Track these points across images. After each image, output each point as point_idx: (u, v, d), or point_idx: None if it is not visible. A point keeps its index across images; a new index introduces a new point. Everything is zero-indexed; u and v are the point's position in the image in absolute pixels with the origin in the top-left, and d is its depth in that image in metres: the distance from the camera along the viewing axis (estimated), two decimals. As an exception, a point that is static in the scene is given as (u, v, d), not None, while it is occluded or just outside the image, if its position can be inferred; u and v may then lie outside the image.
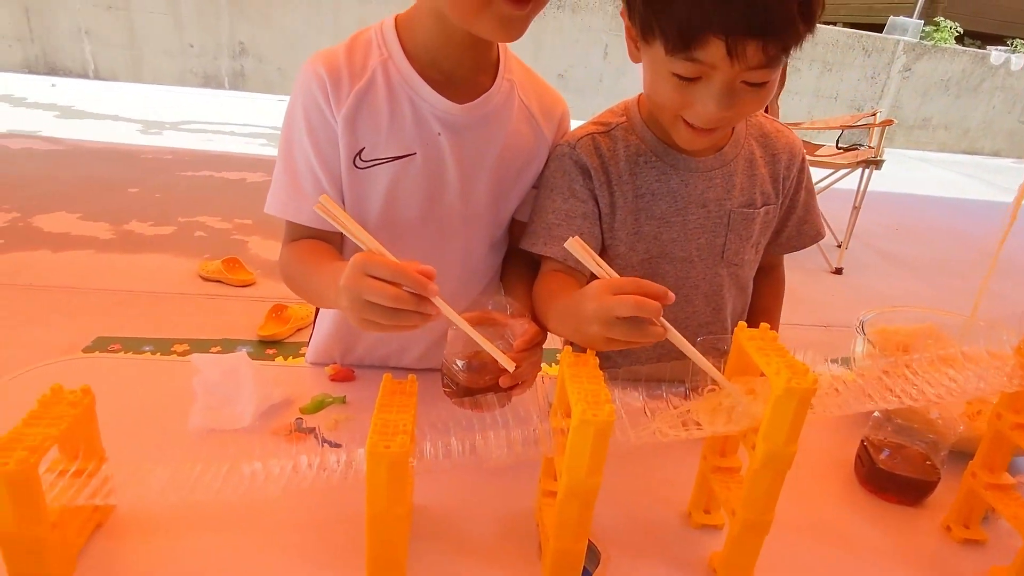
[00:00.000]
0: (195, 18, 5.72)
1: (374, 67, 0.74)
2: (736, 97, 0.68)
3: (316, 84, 0.73)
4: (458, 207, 0.81)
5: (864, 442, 0.73)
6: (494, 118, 0.79)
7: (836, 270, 3.19)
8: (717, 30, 0.62)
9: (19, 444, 0.48)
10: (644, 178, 0.82)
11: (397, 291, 0.54)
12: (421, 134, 0.76)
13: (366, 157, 0.75)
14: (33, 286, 2.16)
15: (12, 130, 3.94)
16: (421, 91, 0.74)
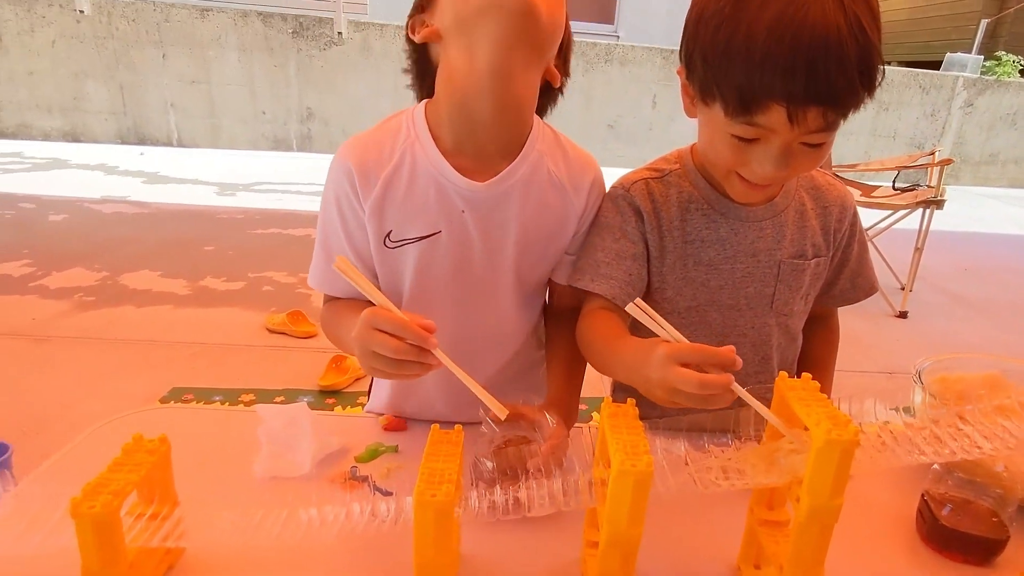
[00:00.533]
0: (267, 88, 6.18)
1: (402, 150, 0.78)
2: (793, 158, 0.69)
3: (346, 177, 0.78)
4: (485, 277, 0.83)
5: (925, 496, 0.70)
6: (516, 192, 0.80)
7: (900, 314, 3.05)
8: (779, 97, 0.63)
9: (104, 488, 0.53)
10: (694, 224, 0.83)
11: (399, 344, 0.59)
12: (445, 212, 0.79)
13: (394, 238, 0.80)
14: (119, 339, 2.33)
15: (105, 196, 4.31)
16: (445, 172, 0.77)
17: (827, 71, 0.62)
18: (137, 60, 5.92)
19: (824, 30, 0.61)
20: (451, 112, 0.76)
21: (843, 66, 0.62)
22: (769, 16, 0.62)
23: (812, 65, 0.61)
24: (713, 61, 0.67)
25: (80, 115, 6.05)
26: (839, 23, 0.61)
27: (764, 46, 0.62)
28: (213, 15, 5.90)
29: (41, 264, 2.98)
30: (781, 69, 0.62)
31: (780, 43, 0.62)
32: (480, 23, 0.70)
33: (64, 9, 5.69)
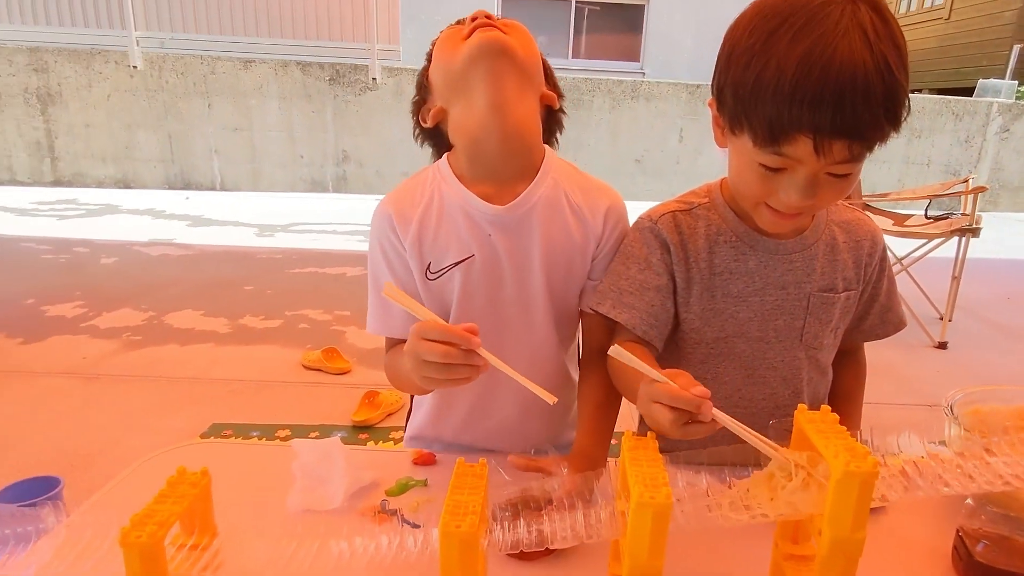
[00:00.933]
0: (305, 133, 6.44)
1: (431, 191, 0.87)
2: (819, 187, 0.70)
3: (386, 223, 0.87)
4: (515, 296, 0.89)
5: (960, 532, 0.68)
6: (537, 214, 0.87)
7: (940, 345, 2.95)
8: (806, 129, 0.65)
9: (150, 519, 0.56)
10: (722, 256, 0.84)
11: (447, 348, 0.64)
12: (475, 237, 0.86)
13: (434, 269, 0.87)
14: (163, 377, 2.42)
15: (152, 239, 4.52)
16: (470, 200, 0.86)
17: (853, 105, 0.63)
18: (184, 110, 6.26)
19: (852, 67, 0.63)
20: (467, 152, 0.86)
21: (869, 101, 0.64)
22: (798, 52, 0.64)
23: (839, 99, 0.63)
24: (743, 94, 0.69)
25: (131, 163, 6.39)
26: (866, 60, 0.63)
27: (793, 80, 0.64)
28: (255, 66, 6.22)
29: (92, 305, 3.13)
30: (809, 102, 0.64)
31: (809, 78, 0.63)
32: (468, 75, 0.81)
33: (119, 65, 6.08)
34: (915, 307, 3.06)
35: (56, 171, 6.33)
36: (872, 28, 0.64)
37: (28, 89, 6.05)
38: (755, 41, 0.67)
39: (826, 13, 0.64)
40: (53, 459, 1.85)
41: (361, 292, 0.93)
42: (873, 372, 0.99)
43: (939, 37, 8.84)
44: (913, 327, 3.00)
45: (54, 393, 2.27)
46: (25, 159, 6.26)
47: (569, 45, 8.59)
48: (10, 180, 6.28)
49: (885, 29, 0.65)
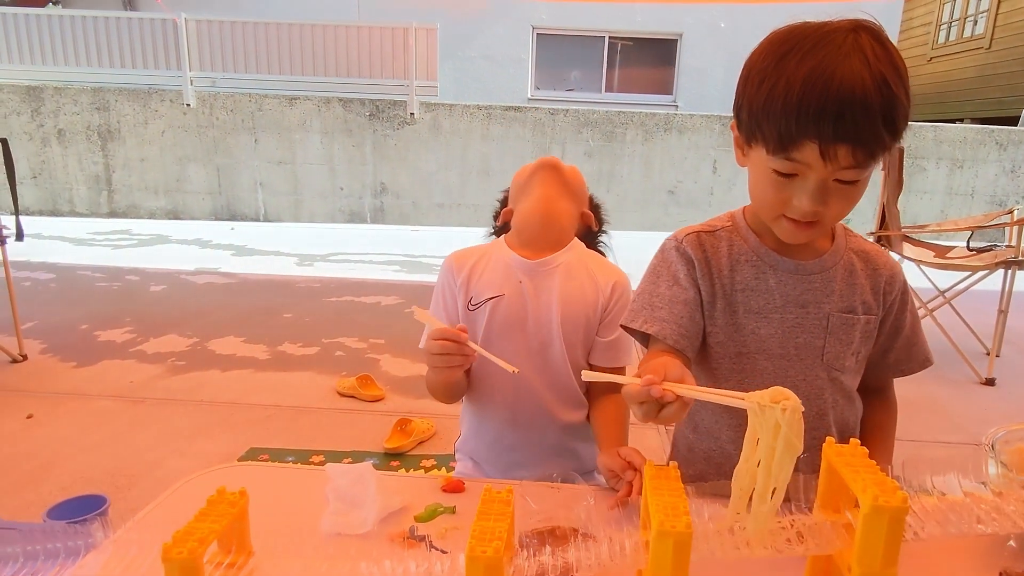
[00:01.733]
0: (345, 166, 6.65)
1: (487, 251, 1.15)
2: (829, 194, 0.76)
3: (447, 267, 1.15)
4: (535, 332, 1.09)
5: (1002, 575, 0.66)
6: (559, 272, 1.10)
7: (987, 381, 2.82)
8: (812, 136, 0.73)
9: (190, 536, 0.59)
10: (743, 274, 0.89)
11: (444, 342, 0.94)
12: (508, 281, 1.10)
13: (474, 302, 1.10)
14: (205, 402, 2.50)
15: (199, 268, 4.69)
16: (510, 255, 1.12)
17: (853, 115, 0.71)
18: (232, 145, 6.55)
19: (851, 82, 0.71)
20: (517, 228, 1.14)
21: (867, 112, 0.71)
22: (805, 70, 0.73)
23: (840, 110, 0.71)
24: (756, 108, 0.77)
25: (181, 195, 6.69)
26: (864, 77, 0.71)
27: (800, 94, 0.72)
28: (300, 103, 6.49)
29: (141, 331, 3.26)
30: (814, 113, 0.72)
31: (813, 91, 0.72)
32: (531, 179, 1.13)
33: (174, 104, 6.42)
34: (959, 342, 2.95)
35: (112, 203, 6.66)
36: (871, 51, 0.72)
37: (90, 126, 6.43)
38: (768, 64, 0.76)
39: (831, 39, 0.73)
40: (100, 478, 1.92)
41: (394, 321, 1.03)
42: (917, 408, 0.98)
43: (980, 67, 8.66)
44: (958, 362, 2.89)
45: (103, 415, 2.36)
46: (85, 192, 6.62)
47: (602, 79, 8.71)
48: (70, 211, 6.64)
49: (884, 52, 0.73)
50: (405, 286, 4.23)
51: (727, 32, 8.10)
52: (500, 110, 6.46)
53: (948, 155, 6.54)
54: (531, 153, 6.16)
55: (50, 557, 0.63)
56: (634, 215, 6.44)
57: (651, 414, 0.66)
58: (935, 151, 6.52)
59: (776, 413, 0.56)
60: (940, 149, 6.53)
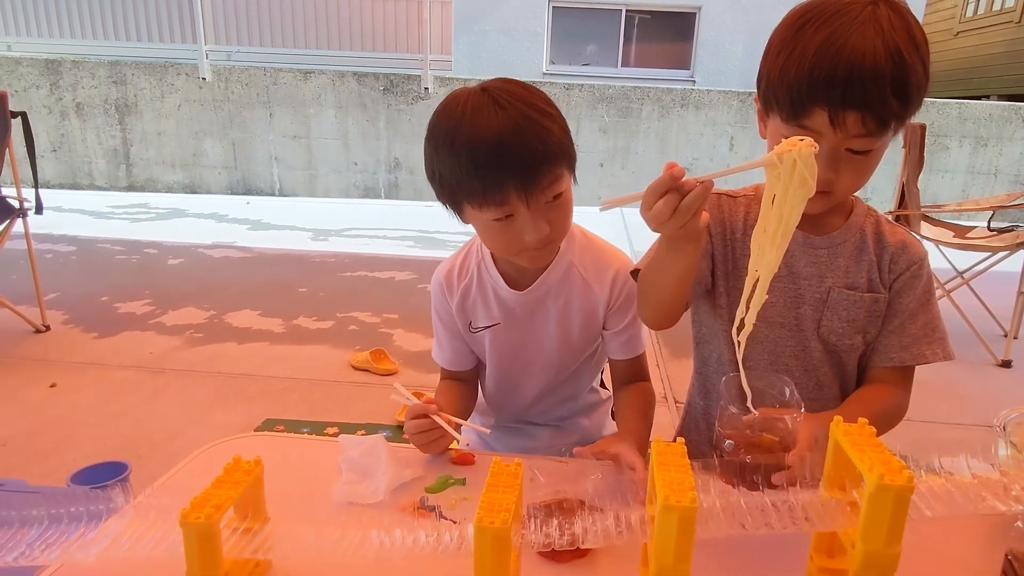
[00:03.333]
0: (360, 141, 6.63)
1: (472, 270, 1.07)
2: (840, 163, 0.78)
3: (438, 290, 1.10)
4: (534, 357, 1.09)
5: (1009, 556, 0.66)
6: (550, 294, 1.04)
7: (1003, 363, 2.79)
8: (821, 103, 0.75)
9: (208, 503, 0.61)
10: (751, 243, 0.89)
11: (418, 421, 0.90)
12: (502, 310, 1.06)
13: (474, 327, 1.09)
14: (221, 373, 2.54)
15: (216, 242, 4.74)
16: (498, 284, 1.05)
17: (862, 82, 0.73)
18: (248, 119, 6.55)
19: (862, 50, 0.73)
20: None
21: (876, 79, 0.73)
22: (818, 39, 0.75)
23: (849, 77, 0.73)
24: (773, 77, 0.80)
25: (198, 170, 6.72)
26: (876, 44, 0.73)
27: (812, 61, 0.75)
28: (314, 77, 6.45)
29: (160, 303, 3.31)
30: (824, 80, 0.74)
31: (824, 59, 0.74)
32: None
33: (190, 77, 6.41)
34: (977, 323, 2.91)
35: (130, 177, 6.72)
36: (888, 22, 0.74)
37: (108, 100, 6.46)
38: (787, 35, 0.79)
39: (848, 10, 0.75)
40: (122, 445, 1.98)
41: (408, 296, 1.03)
42: (932, 390, 0.97)
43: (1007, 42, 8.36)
44: (975, 344, 2.85)
45: (123, 385, 2.41)
46: (104, 165, 6.67)
47: (619, 54, 8.54)
48: (90, 185, 6.71)
49: (901, 23, 0.75)
50: (419, 261, 4.24)
51: (747, 6, 7.87)
52: (515, 85, 6.39)
53: (972, 133, 6.36)
54: (546, 129, 6.06)
55: (73, 520, 0.65)
56: (650, 192, 6.34)
57: (672, 203, 0.67)
58: (959, 129, 6.34)
59: (794, 153, 0.62)
60: (964, 127, 6.35)
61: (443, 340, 1.12)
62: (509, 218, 0.88)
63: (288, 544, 0.63)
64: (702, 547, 0.53)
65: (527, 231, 0.88)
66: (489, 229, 0.91)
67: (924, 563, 0.70)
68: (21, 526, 0.64)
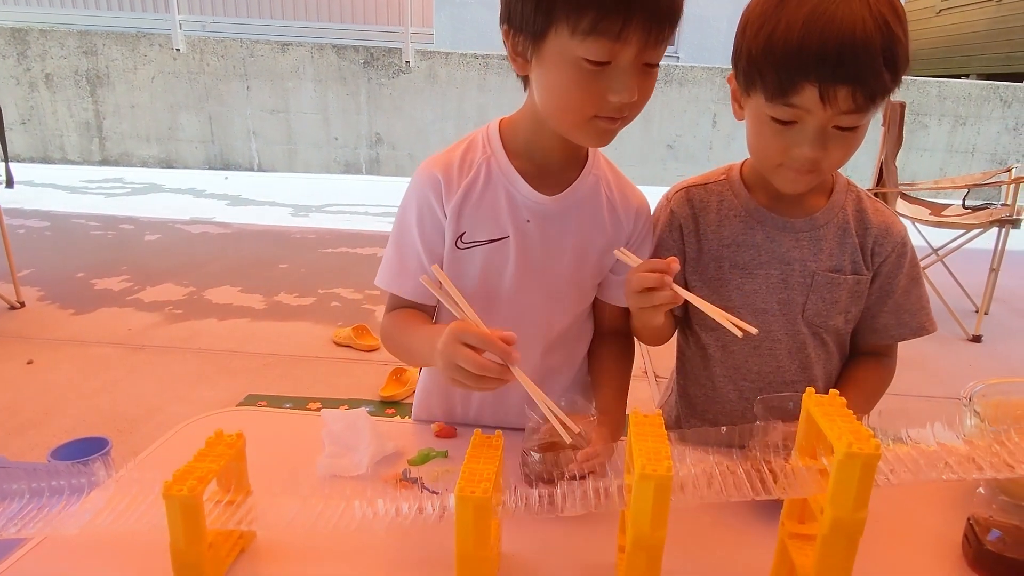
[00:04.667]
0: (339, 115, 6.52)
1: (479, 163, 0.86)
2: (828, 140, 0.76)
3: (430, 184, 0.86)
4: (542, 285, 0.90)
5: (970, 520, 0.69)
6: (578, 208, 0.88)
7: (974, 338, 2.88)
8: (812, 78, 0.72)
9: (190, 475, 0.61)
10: (731, 229, 0.89)
11: (483, 360, 0.65)
12: (513, 220, 0.86)
13: (466, 240, 0.87)
14: (202, 349, 2.53)
15: (194, 217, 4.66)
16: (516, 183, 0.85)
17: (854, 55, 0.70)
18: (224, 92, 6.39)
19: (851, 22, 0.70)
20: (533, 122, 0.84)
21: (868, 51, 0.71)
22: (804, 12, 0.72)
23: (840, 50, 0.70)
24: (756, 53, 0.76)
25: (174, 144, 6.57)
26: (864, 18, 0.71)
27: (800, 35, 0.72)
28: (292, 49, 6.31)
29: (137, 279, 3.27)
30: (814, 54, 0.71)
31: (813, 32, 0.71)
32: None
33: (163, 48, 6.23)
34: (950, 299, 2.99)
35: (104, 150, 6.55)
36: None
37: (79, 71, 6.26)
38: (767, 9, 0.76)
39: None
40: (101, 422, 1.96)
41: None
42: (904, 363, 0.98)
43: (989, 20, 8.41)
44: (947, 320, 2.92)
45: (102, 361, 2.39)
46: (75, 139, 6.49)
47: (605, 27, 8.44)
48: (62, 159, 6.53)
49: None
50: (401, 238, 4.21)
51: (734, -20, 7.84)
52: (497, 59, 6.29)
53: (951, 111, 6.44)
54: (530, 104, 6.01)
55: (55, 494, 0.65)
56: (632, 169, 6.20)
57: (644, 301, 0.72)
58: (938, 107, 6.41)
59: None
60: (943, 105, 6.42)
61: (409, 260, 0.87)
62: (602, 66, 0.72)
63: (272, 515, 0.63)
64: (677, 515, 0.55)
65: (617, 87, 0.73)
66: (570, 72, 0.73)
67: (890, 528, 0.73)
68: (2, 500, 0.63)
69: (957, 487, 0.79)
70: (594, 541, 0.70)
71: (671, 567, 0.58)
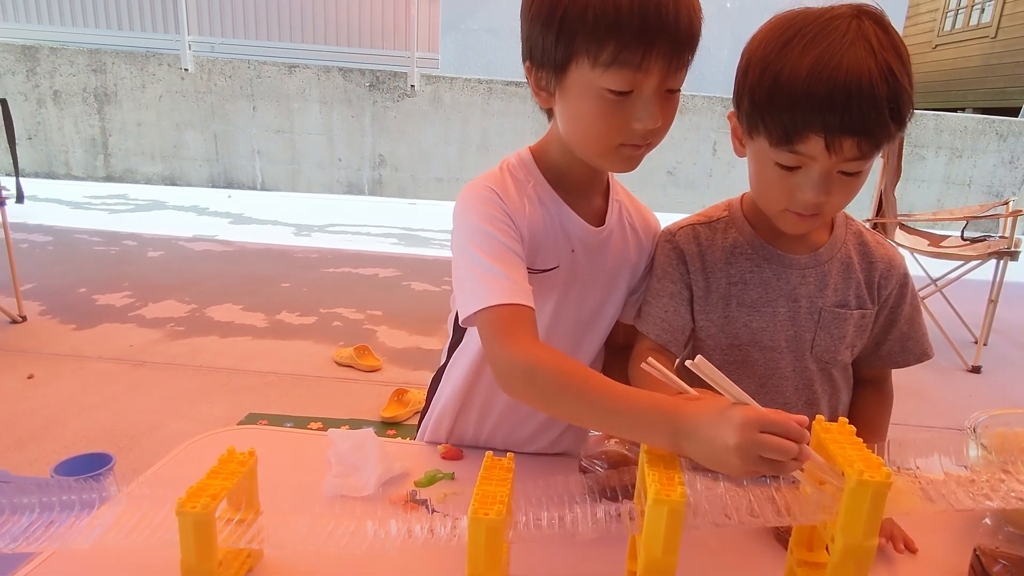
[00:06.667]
0: (344, 136, 6.59)
1: (528, 192, 0.85)
2: (832, 185, 0.76)
3: (494, 197, 0.82)
4: (575, 313, 0.91)
5: (977, 551, 0.69)
6: (611, 238, 0.90)
7: (973, 368, 2.89)
8: (818, 129, 0.71)
9: (204, 492, 0.61)
10: (738, 267, 0.89)
11: (792, 445, 0.57)
12: (563, 250, 0.86)
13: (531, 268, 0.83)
14: (204, 367, 2.52)
15: (196, 235, 4.68)
16: (567, 214, 0.86)
17: (860, 106, 0.70)
18: (230, 112, 6.47)
19: (858, 72, 0.69)
20: (566, 154, 0.84)
21: (875, 103, 0.70)
22: (809, 60, 0.71)
23: (847, 102, 0.69)
24: (759, 98, 0.75)
25: (178, 162, 6.63)
26: (871, 67, 0.70)
27: (805, 85, 0.71)
28: (299, 71, 6.40)
29: (139, 296, 3.27)
30: (820, 105, 0.70)
31: (819, 83, 0.70)
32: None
33: (171, 68, 6.32)
34: (949, 330, 3.00)
35: (109, 167, 6.60)
36: (876, 38, 0.71)
37: (87, 89, 6.34)
38: (770, 51, 0.74)
39: (834, 26, 0.72)
40: (103, 437, 1.95)
41: (392, 293, 0.97)
42: (903, 393, 0.99)
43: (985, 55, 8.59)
44: (947, 350, 2.94)
45: (104, 376, 2.38)
46: (81, 155, 6.55)
47: (607, 56, 8.59)
48: (66, 174, 6.57)
49: (888, 40, 0.72)
50: (403, 259, 4.23)
51: (733, 12, 7.98)
52: (501, 85, 6.39)
53: (948, 144, 6.54)
54: (531, 129, 6.10)
55: (65, 508, 0.65)
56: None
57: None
58: (935, 140, 6.51)
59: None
60: (940, 138, 6.52)
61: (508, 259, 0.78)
62: (625, 95, 0.72)
63: (283, 534, 0.63)
64: (686, 541, 0.55)
65: (640, 115, 0.73)
66: (593, 103, 0.74)
67: (897, 558, 0.73)
68: (12, 513, 0.64)
69: (963, 518, 0.79)
70: (603, 566, 0.70)
71: (681, 592, 0.58)
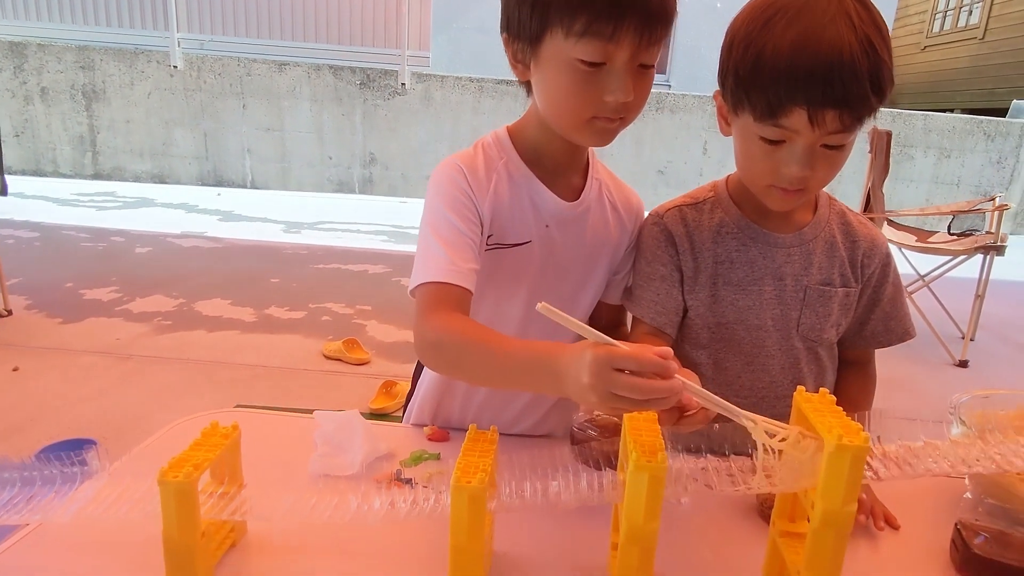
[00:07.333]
0: (334, 135, 6.57)
1: (499, 168, 0.86)
2: (816, 159, 0.77)
3: (460, 176, 0.84)
4: (555, 292, 0.91)
5: (958, 525, 0.70)
6: (589, 213, 0.91)
7: (960, 363, 2.92)
8: (801, 102, 0.73)
9: (186, 463, 0.61)
10: (725, 247, 0.90)
11: (647, 384, 0.56)
12: (536, 225, 0.88)
13: (491, 243, 0.87)
14: (191, 360, 2.50)
15: (185, 231, 4.65)
16: (538, 189, 0.87)
17: (842, 80, 0.72)
18: (220, 110, 6.43)
19: (839, 46, 0.72)
20: (543, 131, 0.85)
21: (856, 75, 0.72)
22: (792, 36, 0.73)
23: (829, 75, 0.72)
24: (743, 74, 0.77)
25: (167, 159, 6.58)
26: (851, 42, 0.72)
27: (788, 60, 0.73)
28: (289, 69, 6.37)
29: (127, 291, 3.24)
30: (803, 78, 0.72)
31: (802, 57, 0.72)
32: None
33: (160, 65, 6.28)
34: (937, 325, 3.03)
35: (97, 164, 6.54)
36: (856, 14, 0.73)
37: (75, 86, 6.28)
38: (753, 28, 0.76)
39: (816, 3, 0.74)
40: (88, 429, 1.93)
41: (381, 288, 0.97)
42: (891, 386, 1.01)
43: (973, 57, 8.70)
44: (934, 344, 2.96)
45: (90, 370, 2.36)
46: (69, 152, 6.49)
47: (598, 56, 8.61)
48: (54, 172, 6.51)
49: (868, 15, 0.74)
50: (393, 255, 4.23)
51: (723, 12, 8.01)
52: (492, 83, 6.40)
53: (936, 144, 6.61)
54: (524, 128, 6.08)
55: (47, 483, 0.65)
56: (624, 194, 6.42)
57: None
58: (924, 140, 6.58)
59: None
60: (929, 138, 6.59)
61: (455, 240, 0.80)
62: (597, 67, 0.74)
63: (265, 507, 0.63)
64: (670, 515, 0.55)
65: (612, 87, 0.74)
66: (567, 74, 0.75)
67: (879, 534, 0.74)
68: (-8, 488, 0.63)
69: (944, 493, 0.80)
70: (586, 540, 0.70)
71: (664, 566, 0.59)
